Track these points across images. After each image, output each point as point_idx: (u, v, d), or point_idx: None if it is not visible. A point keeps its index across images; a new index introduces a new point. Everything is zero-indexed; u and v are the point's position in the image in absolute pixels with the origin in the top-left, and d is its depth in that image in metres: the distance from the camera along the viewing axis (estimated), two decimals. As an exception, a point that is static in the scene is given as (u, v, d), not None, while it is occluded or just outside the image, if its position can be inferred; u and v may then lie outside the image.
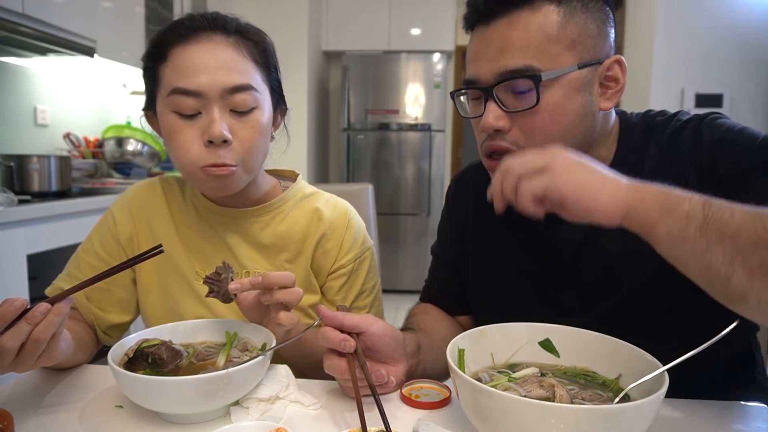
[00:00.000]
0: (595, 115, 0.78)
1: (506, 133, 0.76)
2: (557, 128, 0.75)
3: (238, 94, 0.81)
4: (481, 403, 0.57)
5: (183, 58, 0.80)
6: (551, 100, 0.74)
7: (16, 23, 1.93)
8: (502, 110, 0.75)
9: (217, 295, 0.74)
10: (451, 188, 1.04)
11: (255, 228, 0.93)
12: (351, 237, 0.95)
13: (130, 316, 0.96)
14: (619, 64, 0.77)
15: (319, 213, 0.94)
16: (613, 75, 0.77)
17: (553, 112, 0.74)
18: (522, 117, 0.75)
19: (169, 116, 0.82)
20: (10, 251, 1.68)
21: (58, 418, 0.69)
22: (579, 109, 0.75)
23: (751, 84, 3.83)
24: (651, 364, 0.61)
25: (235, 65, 0.81)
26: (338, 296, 0.95)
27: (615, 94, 0.78)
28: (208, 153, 0.80)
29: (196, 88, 0.79)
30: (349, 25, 4.52)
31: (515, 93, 0.75)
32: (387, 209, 4.50)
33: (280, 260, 0.93)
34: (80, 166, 2.48)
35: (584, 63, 0.74)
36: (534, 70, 0.72)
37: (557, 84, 0.73)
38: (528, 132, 0.75)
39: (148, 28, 2.90)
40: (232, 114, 0.82)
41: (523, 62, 0.73)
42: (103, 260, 0.93)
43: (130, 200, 0.96)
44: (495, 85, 0.75)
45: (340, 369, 0.70)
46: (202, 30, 0.82)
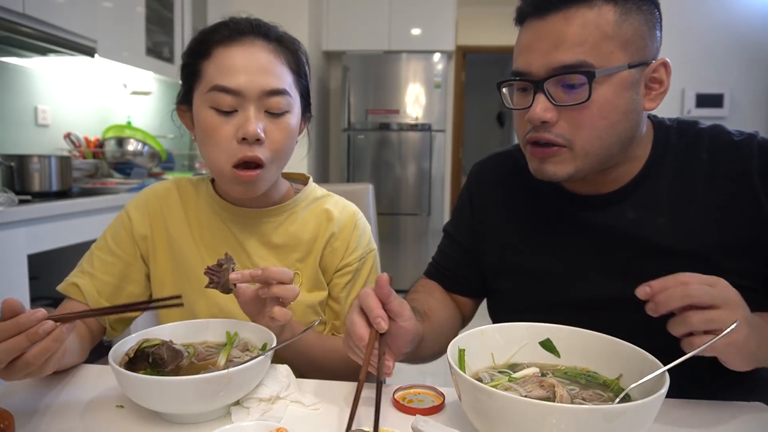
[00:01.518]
0: (639, 114, 0.80)
1: (552, 126, 0.78)
2: (604, 124, 0.77)
3: (274, 97, 0.85)
4: (482, 403, 0.57)
5: (226, 57, 0.85)
6: (601, 96, 0.75)
7: (17, 23, 1.93)
8: (551, 103, 0.77)
9: (216, 285, 0.75)
10: (473, 174, 1.04)
11: (268, 228, 0.96)
12: (357, 237, 0.99)
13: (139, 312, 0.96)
14: (664, 66, 0.80)
15: (328, 214, 0.98)
16: (658, 77, 0.80)
17: (602, 108, 0.76)
18: (570, 111, 0.76)
19: (207, 112, 0.85)
20: (10, 251, 1.68)
21: (59, 418, 0.69)
22: (626, 107, 0.77)
23: (751, 84, 3.83)
24: (651, 364, 0.61)
25: (273, 70, 0.86)
26: (342, 293, 0.98)
27: (659, 96, 0.80)
28: (240, 149, 0.84)
29: (236, 87, 0.83)
30: (349, 25, 4.52)
31: (566, 87, 0.76)
32: (387, 209, 4.49)
33: (291, 259, 0.96)
34: (81, 166, 2.48)
35: (634, 63, 0.76)
36: (587, 65, 0.74)
37: (608, 81, 0.75)
38: (575, 125, 0.77)
39: (149, 28, 2.90)
40: (267, 115, 0.86)
41: (578, 57, 0.74)
42: (116, 255, 0.95)
43: (147, 201, 0.99)
44: (546, 79, 0.76)
45: (360, 336, 0.68)
46: (246, 34, 0.86)
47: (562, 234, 0.89)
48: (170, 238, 0.96)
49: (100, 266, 0.94)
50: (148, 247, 0.97)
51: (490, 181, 1.00)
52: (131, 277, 0.96)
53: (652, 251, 0.82)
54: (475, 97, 7.98)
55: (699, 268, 0.75)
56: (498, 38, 5.64)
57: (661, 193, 0.84)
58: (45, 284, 0.85)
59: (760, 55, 3.76)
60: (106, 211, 2.12)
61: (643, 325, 0.66)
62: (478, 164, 1.04)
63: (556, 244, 0.89)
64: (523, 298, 0.92)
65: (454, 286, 1.02)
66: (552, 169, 0.80)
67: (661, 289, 0.63)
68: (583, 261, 0.87)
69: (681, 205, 0.83)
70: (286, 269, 0.74)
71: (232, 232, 0.96)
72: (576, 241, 0.87)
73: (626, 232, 0.84)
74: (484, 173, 1.02)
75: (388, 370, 0.71)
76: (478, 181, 1.02)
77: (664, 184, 0.84)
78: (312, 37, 4.17)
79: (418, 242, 4.53)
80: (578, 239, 0.87)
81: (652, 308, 0.64)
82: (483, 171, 1.02)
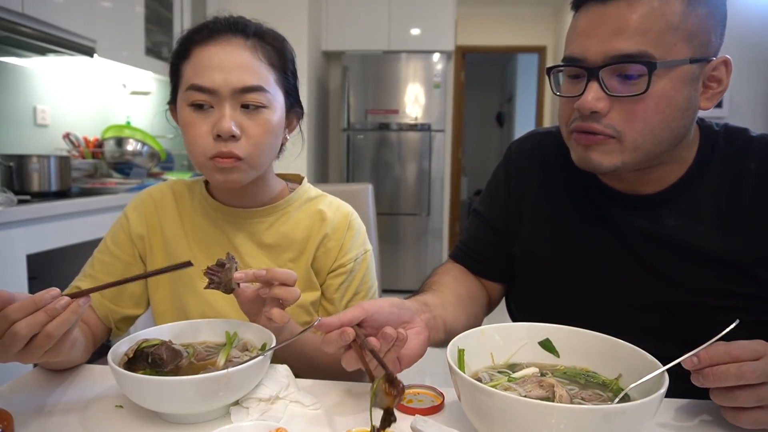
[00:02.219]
0: (695, 112, 0.77)
1: (602, 117, 0.75)
2: (659, 118, 0.74)
3: (249, 93, 0.85)
4: (481, 402, 0.57)
5: (202, 57, 0.86)
6: (659, 89, 0.72)
7: (16, 23, 1.93)
8: (604, 92, 0.74)
9: (217, 286, 0.74)
10: (512, 152, 1.01)
11: (260, 228, 0.96)
12: (351, 237, 0.98)
13: (142, 309, 1.00)
14: (725, 65, 0.76)
15: (322, 215, 0.98)
16: (717, 75, 0.76)
17: (659, 102, 0.73)
18: (624, 102, 0.73)
19: (185, 110, 0.87)
20: (10, 251, 1.68)
21: (58, 418, 0.69)
22: (683, 103, 0.74)
23: (751, 84, 3.83)
24: (651, 364, 0.61)
25: (249, 67, 0.86)
26: (336, 294, 0.97)
27: (716, 95, 0.77)
28: (215, 145, 0.85)
29: (209, 86, 0.84)
30: (349, 25, 4.52)
31: (621, 77, 0.73)
32: (387, 209, 4.50)
33: (283, 259, 0.96)
34: (80, 166, 2.48)
35: (696, 58, 0.73)
36: (649, 56, 0.71)
37: (668, 74, 0.72)
38: (628, 118, 0.74)
39: (148, 28, 2.90)
40: (243, 111, 0.86)
41: (639, 47, 0.71)
42: (116, 256, 0.97)
43: (143, 202, 1.00)
44: (603, 66, 0.73)
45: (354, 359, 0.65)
46: (223, 32, 0.87)
47: (595, 229, 0.87)
48: (165, 239, 0.97)
49: (101, 268, 0.95)
50: (145, 247, 0.98)
51: (530, 162, 0.97)
52: None
53: (689, 258, 0.80)
54: (474, 97, 7.98)
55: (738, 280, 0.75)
56: (497, 38, 5.64)
57: (703, 199, 0.81)
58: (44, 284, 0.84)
59: (760, 55, 3.76)
60: (106, 211, 2.12)
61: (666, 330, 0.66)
62: (518, 143, 1.01)
63: (589, 238, 0.87)
64: (545, 287, 0.91)
65: (482, 270, 1.00)
66: (597, 158, 0.77)
67: (709, 362, 0.60)
68: (612, 259, 0.85)
69: (724, 215, 0.80)
70: (291, 271, 0.74)
71: (224, 232, 0.96)
72: (609, 238, 0.85)
73: (662, 237, 0.82)
74: (523, 153, 0.99)
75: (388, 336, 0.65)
76: (517, 160, 0.99)
77: (708, 191, 0.81)
78: (311, 37, 4.17)
79: (418, 242, 4.54)
80: (612, 237, 0.85)
81: (698, 381, 0.61)
82: (522, 150, 0.99)
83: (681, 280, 0.80)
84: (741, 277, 0.75)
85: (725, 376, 0.59)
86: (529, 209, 0.95)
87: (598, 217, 0.87)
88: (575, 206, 0.90)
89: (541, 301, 0.91)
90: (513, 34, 5.64)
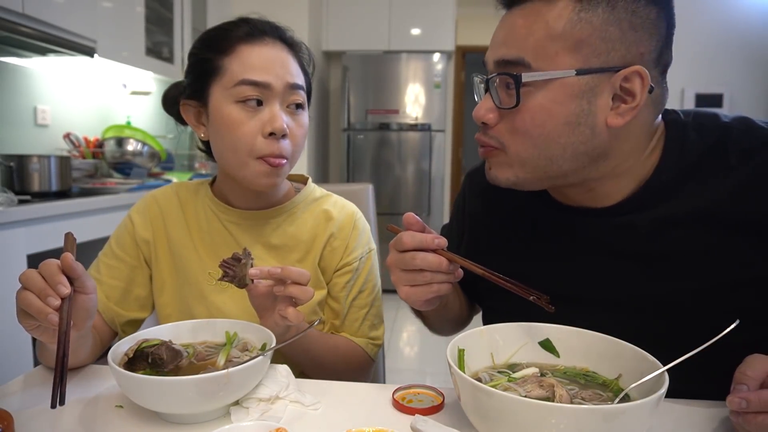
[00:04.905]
0: (594, 128, 0.69)
1: (491, 128, 0.73)
2: (539, 132, 0.70)
3: (296, 91, 0.89)
4: (481, 403, 0.57)
5: (251, 54, 0.87)
6: (536, 102, 0.68)
7: (16, 23, 1.93)
8: (493, 103, 0.72)
9: (232, 279, 0.75)
10: (466, 182, 1.01)
11: (267, 229, 0.97)
12: (357, 236, 0.99)
13: (147, 312, 1.00)
14: (640, 76, 0.67)
15: (328, 214, 0.99)
16: (629, 88, 0.68)
17: (535, 116, 0.69)
18: (508, 114, 0.71)
19: (231, 107, 0.87)
20: (10, 251, 1.68)
21: (58, 418, 0.69)
22: (569, 118, 0.69)
23: (751, 84, 3.83)
24: (651, 364, 0.61)
25: (293, 68, 0.90)
26: (342, 293, 0.98)
27: (628, 111, 0.69)
28: (267, 144, 0.86)
29: (264, 81, 0.86)
30: (349, 25, 4.52)
31: (507, 88, 0.70)
32: (387, 209, 4.50)
33: (290, 260, 0.97)
34: (80, 166, 2.48)
35: (587, 69, 0.67)
36: (524, 64, 0.68)
37: (548, 86, 0.68)
38: (509, 130, 0.72)
39: (148, 28, 2.90)
40: (287, 111, 0.89)
41: (517, 54, 0.68)
42: (122, 260, 0.97)
43: (148, 206, 1.00)
44: (492, 76, 0.71)
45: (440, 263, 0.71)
46: (267, 34, 0.90)
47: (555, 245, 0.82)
48: (170, 242, 0.97)
49: (107, 272, 0.96)
50: (151, 251, 0.98)
51: (481, 190, 0.95)
52: (137, 280, 0.97)
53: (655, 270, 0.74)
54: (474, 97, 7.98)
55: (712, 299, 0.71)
56: (498, 38, 5.63)
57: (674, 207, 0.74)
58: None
59: (760, 55, 3.77)
60: (106, 211, 2.12)
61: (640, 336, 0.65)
62: (471, 173, 1.01)
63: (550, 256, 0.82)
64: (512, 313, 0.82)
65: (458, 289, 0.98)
66: (494, 171, 0.76)
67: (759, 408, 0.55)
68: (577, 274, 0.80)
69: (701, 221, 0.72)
70: (305, 270, 0.75)
71: (230, 234, 0.97)
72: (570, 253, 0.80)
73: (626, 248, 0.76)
74: (475, 181, 0.98)
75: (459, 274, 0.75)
76: (471, 189, 0.99)
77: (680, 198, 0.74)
78: (312, 37, 4.17)
79: (418, 242, 4.53)
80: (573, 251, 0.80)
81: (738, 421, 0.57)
82: (475, 179, 0.98)
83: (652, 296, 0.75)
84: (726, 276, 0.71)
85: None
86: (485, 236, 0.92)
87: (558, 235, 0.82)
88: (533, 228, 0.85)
89: None
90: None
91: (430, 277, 0.72)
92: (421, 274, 0.72)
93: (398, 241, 0.73)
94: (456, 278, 0.75)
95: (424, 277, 0.72)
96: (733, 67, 3.81)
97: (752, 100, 3.87)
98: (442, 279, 0.73)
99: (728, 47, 3.77)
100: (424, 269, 0.72)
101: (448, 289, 0.75)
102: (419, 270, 0.72)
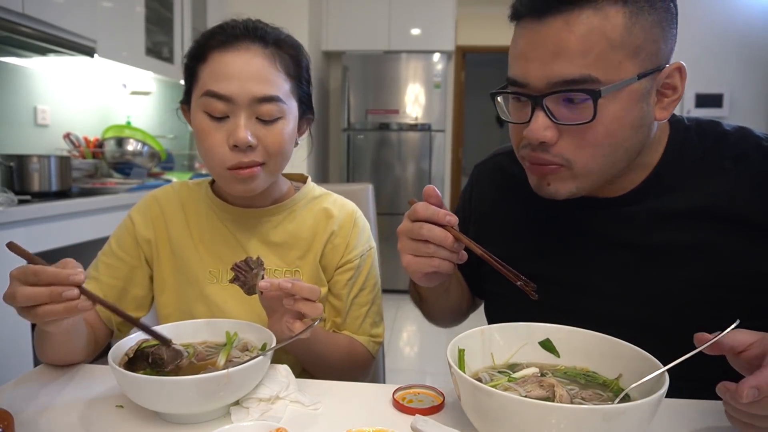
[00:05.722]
0: (650, 126, 0.73)
1: (552, 146, 0.71)
2: (610, 141, 0.70)
3: (265, 104, 0.85)
4: (482, 403, 0.57)
5: (220, 63, 0.84)
6: (609, 113, 0.68)
7: (16, 23, 1.93)
8: (551, 120, 0.69)
9: (242, 285, 0.75)
10: (474, 175, 1.02)
11: (267, 227, 0.97)
12: (357, 234, 1.00)
13: (144, 311, 1.00)
14: (679, 71, 0.71)
15: (328, 212, 0.99)
16: (671, 83, 0.71)
17: (609, 126, 0.69)
18: (573, 129, 0.69)
19: (200, 116, 0.86)
20: (10, 251, 1.67)
21: (58, 418, 0.69)
22: (635, 121, 0.70)
23: (751, 84, 3.84)
24: (651, 364, 0.61)
25: (266, 76, 0.85)
26: (344, 290, 0.99)
27: (671, 104, 0.72)
28: (233, 155, 0.85)
29: (227, 94, 0.83)
30: (349, 25, 4.52)
31: (568, 101, 0.68)
32: (387, 209, 4.49)
33: (291, 257, 0.97)
34: (80, 166, 2.48)
35: (646, 72, 0.68)
36: (592, 80, 0.66)
37: (617, 96, 0.67)
38: (577, 145, 0.70)
39: (148, 28, 2.90)
40: (258, 121, 0.85)
41: (581, 71, 0.66)
42: (121, 259, 0.97)
43: (149, 205, 1.00)
44: (547, 94, 0.68)
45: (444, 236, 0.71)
46: (242, 38, 0.86)
47: (560, 237, 0.85)
48: (171, 242, 0.97)
49: (105, 271, 0.96)
50: (152, 250, 0.98)
51: (490, 183, 0.98)
52: (135, 280, 0.97)
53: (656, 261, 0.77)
54: (474, 97, 7.98)
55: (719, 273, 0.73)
56: (498, 38, 5.63)
57: (674, 198, 0.78)
58: (45, 284, 0.86)
59: (760, 55, 3.77)
60: (106, 212, 2.12)
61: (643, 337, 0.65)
62: (479, 166, 1.02)
63: (555, 247, 0.85)
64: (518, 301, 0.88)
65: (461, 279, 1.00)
66: (554, 187, 0.75)
67: None
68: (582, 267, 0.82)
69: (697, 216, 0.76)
70: (315, 287, 0.74)
71: (231, 233, 0.97)
72: (575, 244, 0.83)
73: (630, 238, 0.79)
74: (484, 175, 1.00)
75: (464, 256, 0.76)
76: (479, 182, 1.00)
77: (679, 190, 0.78)
78: (312, 37, 4.17)
79: (418, 242, 4.53)
80: (578, 243, 0.83)
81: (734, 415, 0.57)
82: (483, 171, 1.01)
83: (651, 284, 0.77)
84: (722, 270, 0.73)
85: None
86: (490, 228, 0.93)
87: (562, 225, 0.84)
88: (538, 221, 0.87)
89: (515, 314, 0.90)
90: (513, 34, 5.62)
91: (434, 250, 0.72)
92: (426, 245, 0.72)
93: (412, 210, 0.74)
94: (459, 260, 0.75)
95: (427, 249, 0.72)
96: (733, 67, 3.81)
97: (752, 100, 3.87)
98: (444, 255, 0.72)
99: (728, 47, 3.77)
100: (429, 241, 0.72)
101: (449, 269, 0.74)
102: (424, 241, 0.72)
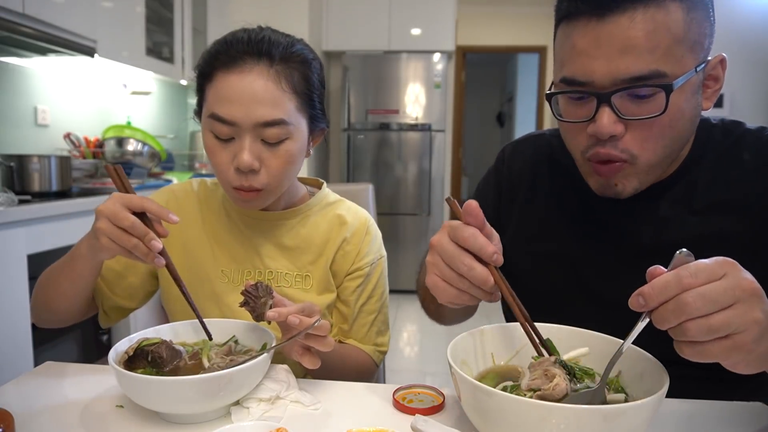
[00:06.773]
0: (700, 116, 0.77)
1: (619, 140, 0.72)
2: (672, 133, 0.72)
3: (269, 128, 0.83)
4: (482, 402, 0.57)
5: (224, 85, 0.83)
6: (674, 105, 0.69)
7: (17, 23, 1.93)
8: (617, 115, 0.70)
9: (251, 311, 0.74)
10: (504, 155, 1.01)
11: (281, 231, 0.98)
12: (369, 242, 1.00)
13: (135, 303, 0.99)
14: (722, 62, 0.75)
15: (341, 219, 0.99)
16: (715, 74, 0.75)
17: (674, 118, 0.70)
18: (638, 123, 0.70)
19: (208, 134, 0.87)
20: (10, 251, 1.68)
21: (59, 418, 0.69)
22: (692, 112, 0.73)
23: (751, 84, 3.83)
24: (651, 363, 0.61)
25: (271, 99, 0.83)
26: (352, 296, 0.99)
27: (714, 93, 0.76)
28: (237, 177, 0.85)
29: (230, 118, 0.82)
30: (349, 25, 4.52)
31: (633, 96, 0.69)
32: (387, 209, 4.50)
33: (302, 261, 0.97)
34: (80, 166, 2.48)
35: (699, 64, 0.70)
36: (660, 75, 0.67)
37: (682, 89, 0.69)
38: (643, 139, 0.71)
39: (148, 28, 2.90)
40: (263, 143, 0.84)
41: (650, 67, 0.67)
42: None
43: (167, 202, 1.00)
44: (615, 91, 0.69)
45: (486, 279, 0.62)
46: (246, 57, 0.83)
47: (587, 223, 0.87)
48: (185, 238, 0.97)
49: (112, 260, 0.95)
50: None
51: (522, 164, 0.97)
52: (135, 269, 0.97)
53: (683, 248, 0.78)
54: (475, 97, 7.99)
55: None
56: (498, 38, 5.64)
57: (695, 192, 0.80)
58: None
59: (760, 55, 3.77)
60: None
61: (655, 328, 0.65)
62: (511, 145, 1.01)
63: (581, 232, 0.87)
64: (540, 282, 0.89)
65: None
66: (620, 186, 0.75)
67: (659, 300, 0.51)
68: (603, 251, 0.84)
69: (717, 208, 0.79)
70: (325, 322, 0.72)
71: (244, 235, 0.97)
72: (600, 231, 0.85)
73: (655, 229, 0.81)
74: (516, 155, 0.99)
75: None
76: (510, 162, 0.99)
77: (701, 183, 0.80)
78: (312, 37, 4.16)
79: (418, 242, 4.53)
80: (603, 230, 0.85)
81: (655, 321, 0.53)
82: (515, 153, 0.99)
83: None
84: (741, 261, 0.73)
85: (665, 318, 0.50)
86: (519, 210, 0.94)
87: (591, 212, 0.86)
88: (567, 207, 0.89)
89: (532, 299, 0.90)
90: (513, 34, 5.63)
91: (467, 287, 0.64)
92: (461, 279, 0.64)
93: (458, 230, 0.63)
94: (492, 300, 0.67)
95: (462, 284, 0.64)
96: (733, 67, 3.81)
97: (752, 100, 3.87)
98: (478, 294, 0.65)
99: (728, 47, 3.77)
100: (466, 277, 0.64)
101: (476, 302, 0.70)
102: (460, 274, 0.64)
